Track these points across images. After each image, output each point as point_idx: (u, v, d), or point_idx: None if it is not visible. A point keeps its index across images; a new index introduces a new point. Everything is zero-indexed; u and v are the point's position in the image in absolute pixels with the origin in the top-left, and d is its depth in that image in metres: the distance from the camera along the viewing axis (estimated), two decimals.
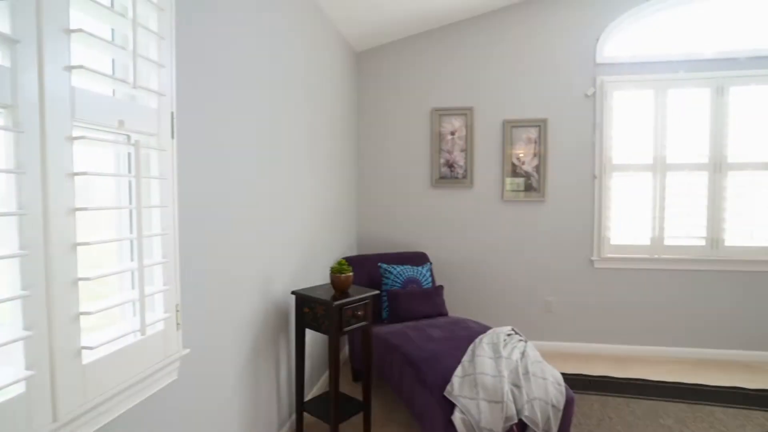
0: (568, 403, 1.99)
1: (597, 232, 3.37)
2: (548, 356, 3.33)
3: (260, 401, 2.01)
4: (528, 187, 3.45)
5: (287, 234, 2.29)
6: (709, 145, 3.24)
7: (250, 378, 1.91)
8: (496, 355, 2.07)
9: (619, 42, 3.38)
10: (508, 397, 1.84)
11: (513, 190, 3.47)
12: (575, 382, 2.90)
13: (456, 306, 3.47)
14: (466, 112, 3.52)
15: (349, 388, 2.81)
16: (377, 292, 2.22)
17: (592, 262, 3.40)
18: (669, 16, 3.33)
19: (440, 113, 3.55)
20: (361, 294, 2.13)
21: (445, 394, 1.88)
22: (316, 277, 2.65)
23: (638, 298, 3.37)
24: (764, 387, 2.84)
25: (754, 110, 3.21)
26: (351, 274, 2.14)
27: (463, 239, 3.55)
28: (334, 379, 2.01)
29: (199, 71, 1.47)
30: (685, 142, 3.28)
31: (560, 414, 1.94)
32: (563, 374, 2.98)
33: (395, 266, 2.99)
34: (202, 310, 1.52)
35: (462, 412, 1.80)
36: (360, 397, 2.25)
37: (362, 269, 3.03)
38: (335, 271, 2.14)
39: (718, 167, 3.22)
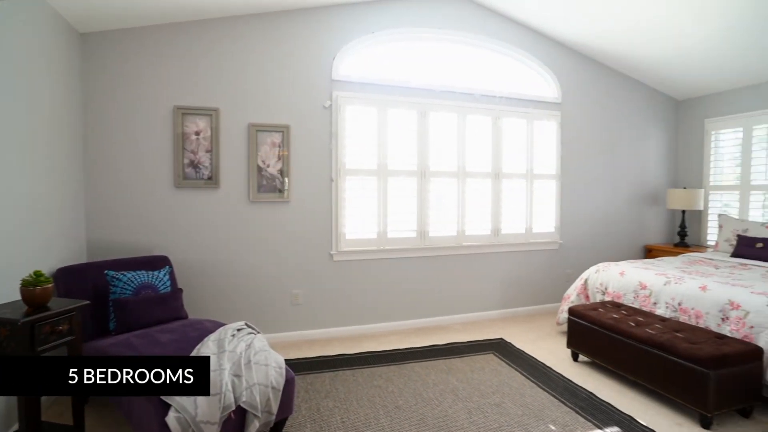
0: (289, 383, 2.23)
1: (335, 229, 3.82)
2: (295, 344, 3.65)
3: None
4: (273, 189, 3.66)
5: None
6: (417, 156, 4.05)
7: None
8: (220, 351, 2.16)
9: (351, 64, 3.90)
10: (226, 387, 1.96)
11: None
12: (315, 364, 3.24)
13: (203, 308, 3.43)
14: (211, 113, 3.50)
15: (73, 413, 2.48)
16: (86, 302, 2.04)
17: (331, 255, 3.83)
18: (389, 49, 4.02)
19: (184, 112, 3.43)
20: (64, 307, 1.93)
21: (161, 396, 1.87)
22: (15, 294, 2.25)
23: (369, 284, 3.97)
24: (451, 341, 3.74)
25: (446, 131, 4.17)
26: (50, 285, 1.91)
27: (210, 240, 3.53)
28: (24, 408, 1.76)
29: None
30: (402, 153, 4.02)
31: (280, 394, 2.16)
32: (307, 358, 3.34)
33: (126, 273, 2.77)
34: None
35: (177, 411, 1.82)
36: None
37: (85, 279, 2.71)
38: (27, 284, 1.88)
39: (423, 174, 4.06)
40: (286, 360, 3.21)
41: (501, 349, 3.58)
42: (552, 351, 3.53)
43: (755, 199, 4.61)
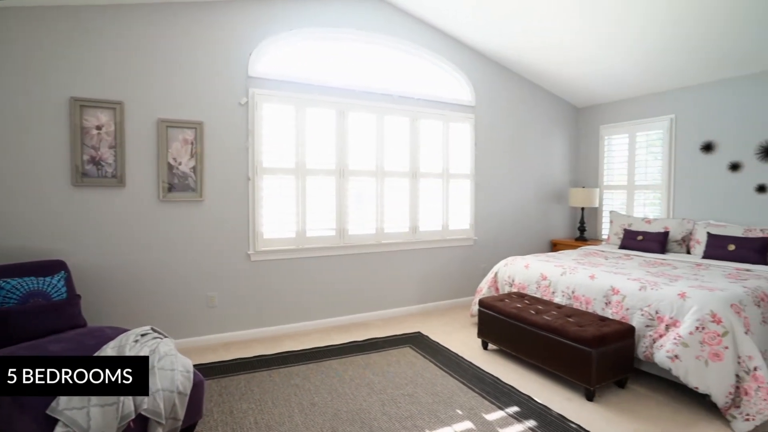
0: (197, 387, 2.17)
1: (252, 228, 3.75)
2: (212, 348, 3.54)
3: None
4: (186, 188, 3.51)
5: None
6: (335, 156, 4.08)
7: None
8: None
9: (269, 61, 3.84)
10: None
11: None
12: (231, 367, 3.17)
13: (108, 315, 3.22)
14: (115, 107, 3.28)
15: None
16: None
17: (249, 256, 3.76)
18: (308, 48, 4.01)
19: (82, 104, 3.19)
20: None
21: (48, 411, 1.74)
22: None
23: (288, 284, 3.95)
24: (370, 337, 3.83)
25: (365, 131, 4.25)
26: None
27: (116, 242, 3.31)
28: None
29: None
30: (320, 152, 4.03)
31: (187, 398, 2.10)
32: (223, 361, 3.26)
33: (11, 280, 2.53)
34: None
35: (65, 425, 1.71)
36: None
37: None
38: None
39: (342, 173, 4.11)
40: (200, 364, 3.16)
41: (418, 342, 3.73)
42: (465, 341, 3.74)
43: (639, 197, 5.20)
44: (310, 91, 3.97)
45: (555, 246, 5.61)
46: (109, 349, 2.12)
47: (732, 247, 3.83)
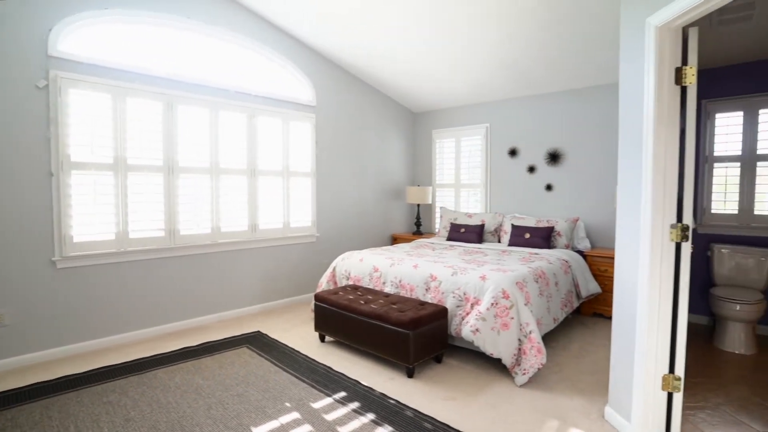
0: None
1: (58, 231, 3.27)
2: (2, 375, 3.00)
3: None
4: None
5: None
6: (163, 151, 3.79)
7: None
8: None
9: (78, 41, 3.38)
10: None
11: None
12: (24, 395, 2.73)
13: None
14: None
15: None
16: None
17: (54, 263, 3.27)
18: (129, 31, 3.62)
19: None
20: None
21: None
22: None
23: (108, 291, 3.54)
24: (204, 341, 3.66)
25: (197, 125, 4.02)
26: None
27: None
28: None
29: None
30: (144, 146, 3.69)
31: None
32: (13, 390, 2.79)
33: None
34: None
35: None
36: None
37: None
38: None
39: (171, 170, 3.83)
40: None
41: (255, 341, 3.68)
42: (303, 336, 3.82)
43: (464, 195, 5.91)
44: (131, 80, 3.61)
45: (395, 240, 6.05)
46: None
47: (528, 236, 4.60)
